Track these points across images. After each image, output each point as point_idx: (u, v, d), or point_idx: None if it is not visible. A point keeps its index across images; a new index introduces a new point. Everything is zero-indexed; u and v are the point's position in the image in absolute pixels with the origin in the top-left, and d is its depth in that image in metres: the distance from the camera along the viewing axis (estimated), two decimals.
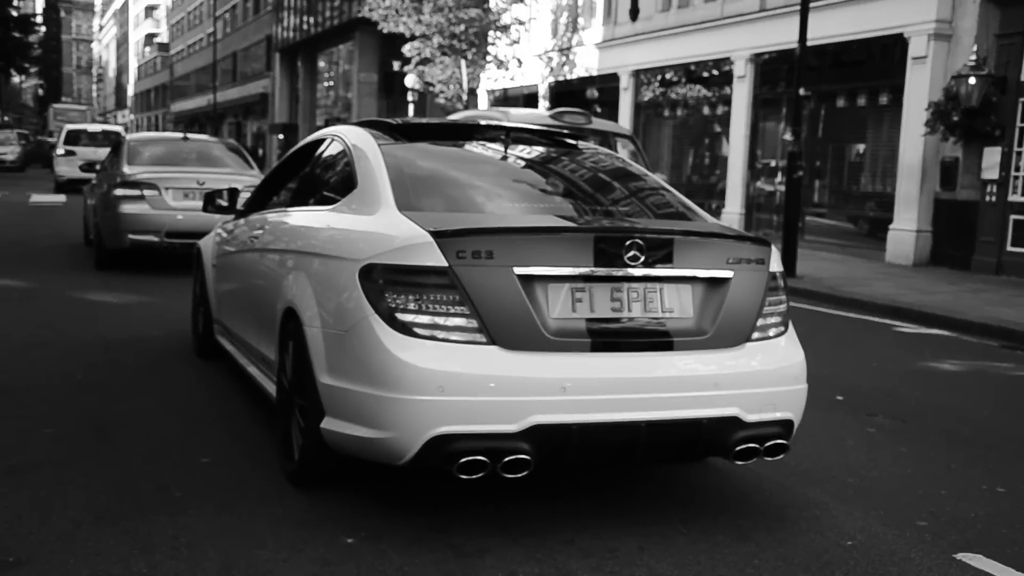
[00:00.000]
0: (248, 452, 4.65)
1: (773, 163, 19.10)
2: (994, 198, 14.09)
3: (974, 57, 13.83)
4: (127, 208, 10.82)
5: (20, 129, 50.87)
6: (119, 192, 10.93)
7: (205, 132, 51.65)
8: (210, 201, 6.19)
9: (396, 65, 28.18)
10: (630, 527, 3.86)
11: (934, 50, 14.80)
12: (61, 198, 23.75)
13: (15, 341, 7.03)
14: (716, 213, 18.65)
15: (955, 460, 5.14)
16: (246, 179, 11.00)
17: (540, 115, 10.82)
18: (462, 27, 24.52)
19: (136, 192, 10.89)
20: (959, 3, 14.64)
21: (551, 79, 26.42)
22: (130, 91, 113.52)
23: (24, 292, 9.44)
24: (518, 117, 10.43)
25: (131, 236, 10.82)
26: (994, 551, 3.84)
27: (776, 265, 4.06)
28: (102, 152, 22.88)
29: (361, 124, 4.98)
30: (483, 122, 5.28)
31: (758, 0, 18.62)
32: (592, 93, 24.73)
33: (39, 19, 75.68)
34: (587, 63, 24.71)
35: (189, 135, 13.78)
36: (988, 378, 7.60)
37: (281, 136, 49.22)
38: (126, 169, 11.34)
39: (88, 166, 15.05)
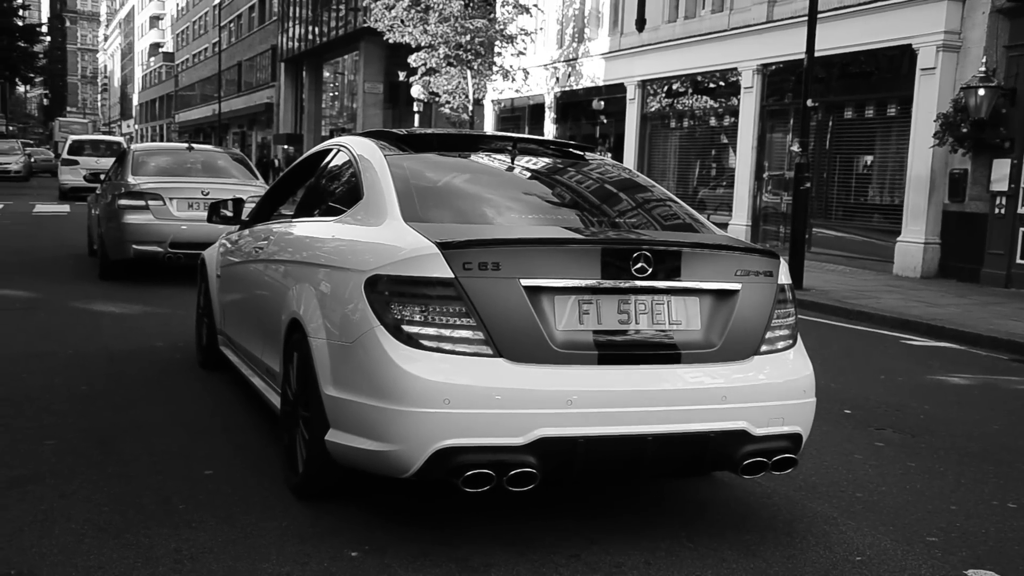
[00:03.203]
0: (252, 464, 4.61)
1: (780, 174, 19.05)
2: (1003, 210, 14.02)
3: (983, 68, 13.78)
4: (131, 218, 10.77)
5: (24, 139, 51.07)
6: (123, 202, 10.88)
7: (210, 142, 51.82)
8: (215, 211, 6.17)
9: (401, 75, 28.27)
10: (636, 541, 3.82)
11: (943, 61, 14.77)
12: (65, 208, 23.80)
13: (17, 352, 7.01)
14: (722, 225, 18.60)
15: (965, 475, 5.09)
16: (251, 189, 10.95)
17: None
18: (468, 37, 24.57)
19: (140, 202, 10.83)
20: (968, 14, 14.62)
21: (557, 90, 26.44)
22: (135, 101, 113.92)
23: (27, 302, 9.43)
24: None
25: (135, 246, 10.78)
26: (1006, 568, 3.80)
27: (784, 277, 4.03)
28: (104, 161, 23.25)
29: (367, 135, 4.96)
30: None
31: (765, 11, 18.62)
32: (598, 104, 24.73)
33: (44, 29, 75.96)
34: (593, 73, 24.73)
35: (194, 145, 13.72)
36: (998, 392, 7.54)
37: (286, 146, 49.36)
38: (131, 179, 11.31)
39: (92, 176, 15.14)
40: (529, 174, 4.81)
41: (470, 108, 26.29)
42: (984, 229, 14.32)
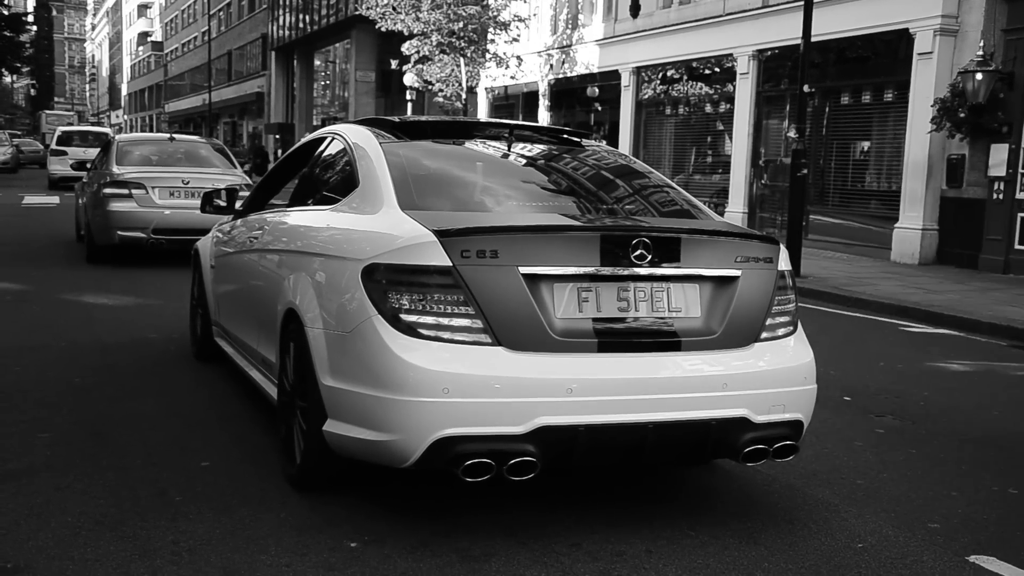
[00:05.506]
0: (249, 456, 4.58)
1: (777, 161, 19.01)
2: (1001, 196, 13.99)
3: (981, 52, 13.74)
4: (116, 206, 11.43)
5: (12, 130, 50.81)
6: (108, 191, 11.51)
7: (200, 132, 51.67)
8: (208, 201, 6.12)
9: (394, 63, 28.15)
10: (637, 530, 3.80)
11: (940, 46, 14.71)
12: (55, 199, 23.69)
13: (10, 344, 6.95)
14: (719, 212, 18.53)
15: (965, 461, 5.08)
16: (231, 178, 11.70)
17: None
18: (461, 24, 24.46)
19: (124, 191, 11.48)
20: None
21: (551, 77, 26.36)
22: (124, 91, 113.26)
23: (19, 295, 9.37)
24: None
25: (120, 233, 11.42)
26: (1008, 553, 3.78)
27: (784, 264, 4.01)
28: (91, 151, 23.75)
29: (362, 122, 4.92)
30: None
31: None
32: (593, 91, 24.65)
33: (31, 18, 75.31)
34: (588, 60, 24.65)
35: (175, 135, 14.35)
36: (997, 378, 7.53)
37: (277, 136, 49.20)
38: (115, 169, 11.87)
39: (79, 165, 15.72)
40: (526, 161, 4.77)
41: (463, 96, 26.19)
42: (982, 215, 14.29)
